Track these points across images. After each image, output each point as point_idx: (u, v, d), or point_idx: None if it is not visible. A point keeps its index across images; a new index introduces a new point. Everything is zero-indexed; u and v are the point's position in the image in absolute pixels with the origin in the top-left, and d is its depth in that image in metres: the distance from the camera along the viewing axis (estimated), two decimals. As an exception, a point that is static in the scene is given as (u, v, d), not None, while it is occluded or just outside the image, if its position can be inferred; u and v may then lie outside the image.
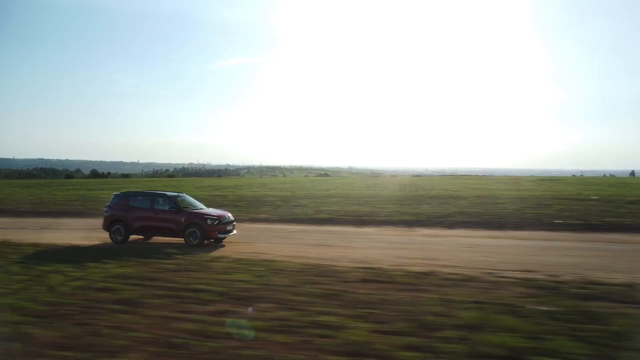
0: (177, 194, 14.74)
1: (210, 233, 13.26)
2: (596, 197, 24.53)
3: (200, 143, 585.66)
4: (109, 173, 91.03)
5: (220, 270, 9.54)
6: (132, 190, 19.05)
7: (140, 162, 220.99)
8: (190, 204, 14.51)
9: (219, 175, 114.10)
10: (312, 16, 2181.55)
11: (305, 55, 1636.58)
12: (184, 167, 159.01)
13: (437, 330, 5.83)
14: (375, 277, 8.86)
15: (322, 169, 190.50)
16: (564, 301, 7.13)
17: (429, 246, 13.17)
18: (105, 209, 14.66)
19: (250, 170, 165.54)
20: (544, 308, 6.75)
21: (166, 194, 14.41)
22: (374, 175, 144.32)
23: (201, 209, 14.41)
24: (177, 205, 13.79)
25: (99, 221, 15.33)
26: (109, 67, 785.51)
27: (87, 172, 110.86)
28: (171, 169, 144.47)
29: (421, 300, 7.19)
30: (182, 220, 13.39)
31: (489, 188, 37.83)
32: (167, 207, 13.84)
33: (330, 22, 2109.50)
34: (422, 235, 15.71)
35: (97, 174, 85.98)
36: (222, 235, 13.59)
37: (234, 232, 14.06)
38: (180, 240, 13.50)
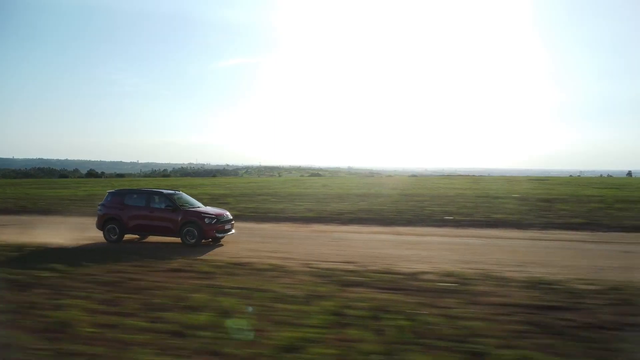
0: (173, 191, 14.26)
1: (208, 232, 12.89)
2: (517, 195, 25.30)
3: (200, 143, 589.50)
4: (102, 173, 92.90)
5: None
6: (127, 187, 18.42)
7: (139, 162, 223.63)
8: (187, 202, 14.09)
9: (214, 175, 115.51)
10: (311, 16, 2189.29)
11: (305, 55, 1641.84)
12: (182, 167, 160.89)
13: (160, 311, 6.76)
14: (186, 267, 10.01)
15: (322, 169, 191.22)
16: (331, 286, 8.21)
17: (293, 240, 14.21)
18: (99, 207, 14.15)
19: (248, 170, 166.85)
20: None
21: (162, 192, 13.87)
22: (370, 175, 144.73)
23: (199, 207, 14.04)
24: (173, 204, 13.39)
25: (55, 219, 15.51)
26: (109, 67, 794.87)
27: (85, 172, 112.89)
28: (169, 169, 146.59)
29: (187, 287, 8.20)
30: (179, 219, 13.01)
31: (438, 187, 38.60)
32: (163, 206, 13.41)
33: (330, 22, 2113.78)
34: (303, 230, 16.76)
35: (92, 173, 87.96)
36: (220, 235, 13.21)
37: (233, 231, 13.71)
38: (177, 239, 13.24)
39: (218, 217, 13.26)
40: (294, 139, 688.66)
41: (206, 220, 12.91)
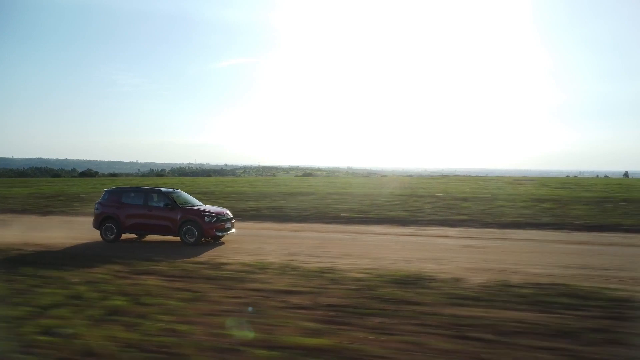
0: (172, 189, 14.16)
1: (208, 231, 12.81)
2: (439, 194, 26.14)
3: (200, 143, 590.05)
4: (96, 172, 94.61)
5: None
6: (124, 186, 18.26)
7: (139, 161, 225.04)
8: (186, 200, 14.00)
9: (209, 175, 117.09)
10: (311, 16, 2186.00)
11: (304, 55, 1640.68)
12: (180, 167, 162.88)
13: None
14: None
15: (321, 169, 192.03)
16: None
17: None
18: (95, 205, 14.04)
19: (246, 170, 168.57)
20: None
21: (160, 190, 13.80)
22: (367, 175, 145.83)
23: (198, 205, 13.94)
24: (172, 202, 13.28)
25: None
26: (108, 67, 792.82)
27: (82, 171, 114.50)
28: (167, 169, 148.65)
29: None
30: (178, 218, 12.93)
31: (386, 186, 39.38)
32: (161, 204, 13.30)
33: (329, 23, 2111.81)
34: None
35: (86, 173, 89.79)
36: (220, 234, 13.14)
37: (233, 230, 13.67)
38: (176, 238, 13.23)
39: (218, 215, 13.19)
40: (294, 139, 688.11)
41: (206, 218, 12.83)
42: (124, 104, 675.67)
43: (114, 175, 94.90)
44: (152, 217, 13.31)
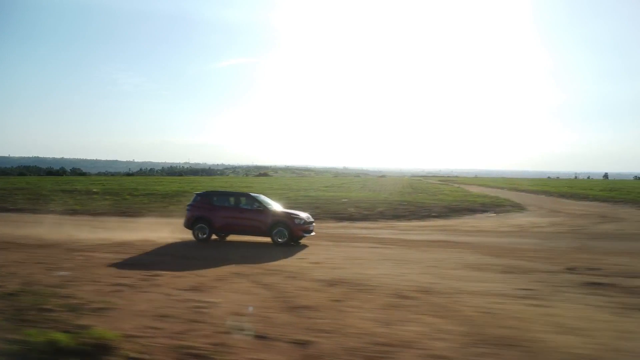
0: (256, 194, 14.97)
1: (296, 233, 13.54)
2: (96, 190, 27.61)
3: (200, 143, 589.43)
4: (64, 172, 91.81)
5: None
6: (213, 190, 18.99)
7: (135, 161, 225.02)
8: (268, 203, 14.66)
9: (191, 174, 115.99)
10: (311, 16, 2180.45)
11: (303, 55, 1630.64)
12: (171, 167, 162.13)
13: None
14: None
15: (315, 169, 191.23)
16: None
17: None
18: (187, 207, 14.86)
19: (235, 170, 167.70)
20: None
21: (250, 194, 14.81)
22: (357, 175, 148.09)
23: (282, 209, 14.73)
24: (262, 205, 14.14)
25: None
26: (108, 67, 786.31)
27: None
28: (157, 168, 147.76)
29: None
30: (269, 220, 13.71)
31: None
32: (251, 207, 14.14)
33: (329, 23, 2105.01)
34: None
35: (52, 171, 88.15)
36: (305, 235, 13.84)
37: (313, 232, 14.20)
38: (266, 239, 13.86)
39: (305, 218, 13.97)
40: (294, 139, 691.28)
41: (296, 221, 13.61)
42: (124, 103, 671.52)
43: (82, 174, 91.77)
44: (243, 219, 14.06)
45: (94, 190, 32.29)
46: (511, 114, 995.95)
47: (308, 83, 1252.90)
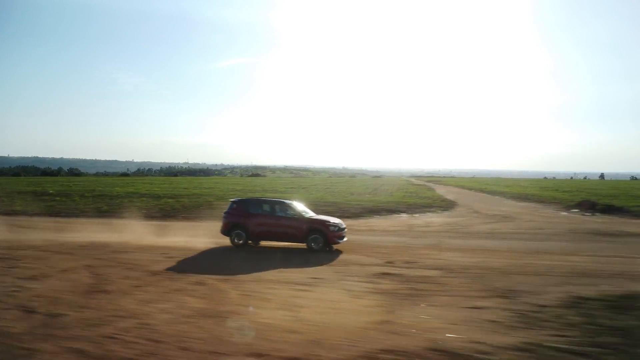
0: (289, 201, 15.31)
1: (332, 239, 13.88)
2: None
3: (200, 143, 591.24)
4: (60, 172, 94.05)
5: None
6: (248, 197, 19.60)
7: (135, 161, 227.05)
8: (304, 210, 15.10)
9: (188, 175, 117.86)
10: (311, 16, 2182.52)
11: (303, 55, 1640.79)
12: (169, 167, 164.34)
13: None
14: None
15: (313, 169, 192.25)
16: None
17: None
18: (224, 214, 15.08)
19: (233, 170, 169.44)
20: None
21: (284, 201, 15.18)
22: (353, 176, 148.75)
23: (316, 215, 15.19)
24: (296, 212, 14.53)
25: None
26: (109, 67, 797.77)
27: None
28: (156, 168, 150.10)
29: None
30: (305, 227, 14.04)
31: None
32: (286, 214, 14.46)
33: (329, 23, 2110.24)
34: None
35: (48, 172, 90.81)
36: (339, 241, 14.14)
37: (346, 238, 14.46)
38: (301, 245, 14.16)
39: (339, 225, 14.30)
40: (294, 140, 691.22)
41: (331, 228, 13.98)
42: (124, 103, 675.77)
43: (76, 174, 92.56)
44: (279, 226, 14.37)
45: (50, 191, 34.37)
46: (511, 114, 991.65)
47: (308, 83, 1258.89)
